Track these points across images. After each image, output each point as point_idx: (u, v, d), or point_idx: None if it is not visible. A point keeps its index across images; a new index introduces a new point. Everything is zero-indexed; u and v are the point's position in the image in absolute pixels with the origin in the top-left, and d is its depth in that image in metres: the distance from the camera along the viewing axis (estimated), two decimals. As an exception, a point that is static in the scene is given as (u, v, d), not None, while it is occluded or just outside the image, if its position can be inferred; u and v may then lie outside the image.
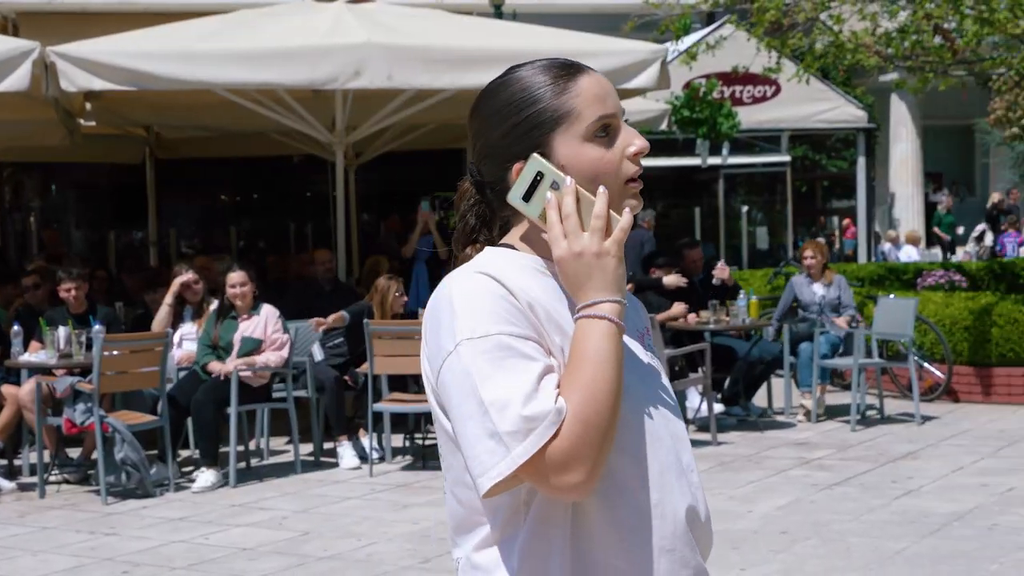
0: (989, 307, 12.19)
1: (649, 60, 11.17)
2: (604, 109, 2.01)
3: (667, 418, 2.05)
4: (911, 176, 29.46)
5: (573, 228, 1.94)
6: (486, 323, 1.89)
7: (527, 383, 1.85)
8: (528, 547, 1.93)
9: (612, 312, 1.92)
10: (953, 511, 7.83)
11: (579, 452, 1.83)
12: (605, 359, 1.88)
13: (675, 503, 2.00)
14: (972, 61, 13.67)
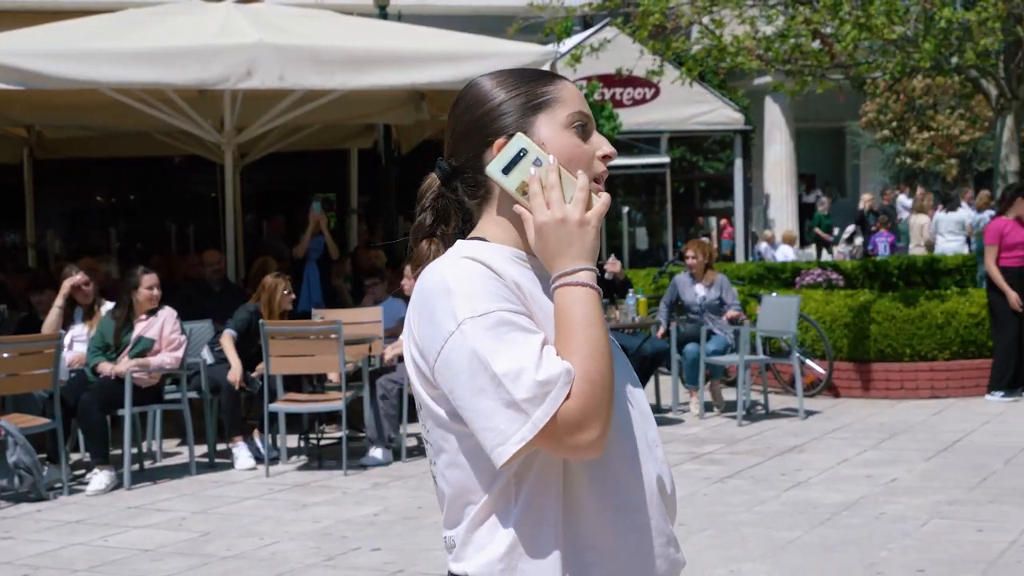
0: (868, 304, 12.56)
1: (539, 62, 11.30)
2: (583, 107, 2.13)
3: (635, 394, 2.16)
4: (785, 177, 30.08)
5: (557, 198, 2.03)
6: (484, 302, 1.97)
7: (534, 352, 1.94)
8: (522, 521, 2.02)
9: (591, 279, 2.01)
10: (841, 501, 8.08)
11: (591, 410, 1.92)
12: (593, 322, 1.97)
13: (648, 475, 2.10)
14: (848, 65, 14.04)
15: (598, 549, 2.05)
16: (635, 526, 2.09)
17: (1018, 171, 14.25)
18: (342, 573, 6.85)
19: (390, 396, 9.88)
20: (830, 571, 6.54)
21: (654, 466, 2.13)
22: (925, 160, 24.31)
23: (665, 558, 2.12)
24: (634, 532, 2.09)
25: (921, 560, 6.68)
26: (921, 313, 12.28)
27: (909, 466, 9.17)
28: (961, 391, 12.25)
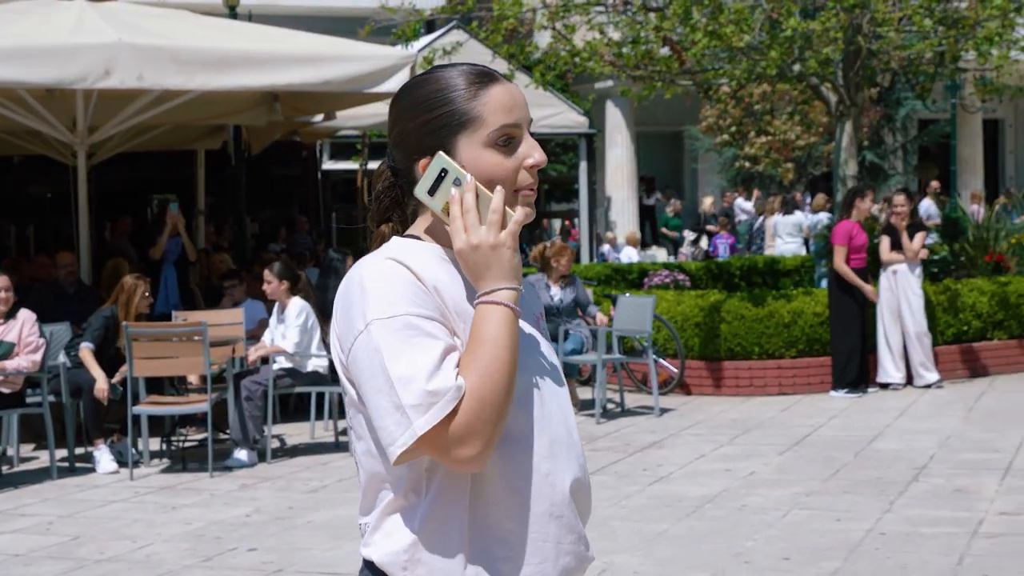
0: (718, 304, 12.91)
1: (399, 65, 11.39)
2: (507, 119, 2.16)
3: (557, 395, 2.24)
4: (626, 180, 30.59)
5: (472, 222, 2.10)
6: (395, 304, 2.07)
7: (431, 360, 2.04)
8: (429, 513, 2.12)
9: (508, 299, 2.09)
10: (703, 494, 8.34)
11: (475, 427, 2.02)
12: (501, 342, 2.06)
13: (563, 473, 2.19)
14: (696, 71, 14.40)
15: (508, 543, 2.14)
16: (545, 523, 2.16)
17: (856, 175, 14.76)
18: (221, 573, 6.86)
19: (255, 398, 9.87)
20: (700, 561, 6.77)
21: (569, 466, 2.20)
22: (763, 164, 24.96)
23: (575, 555, 2.22)
24: (544, 529, 2.16)
25: (786, 549, 6.95)
26: (769, 312, 12.68)
27: (765, 460, 9.49)
28: (807, 388, 12.68)
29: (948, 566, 6.49)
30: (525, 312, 2.25)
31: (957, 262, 15.32)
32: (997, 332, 13.50)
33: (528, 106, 2.22)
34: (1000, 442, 9.78)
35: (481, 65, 2.25)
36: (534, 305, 2.36)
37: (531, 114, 2.26)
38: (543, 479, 2.16)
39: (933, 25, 13.13)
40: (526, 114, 2.20)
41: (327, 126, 16.20)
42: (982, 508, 7.69)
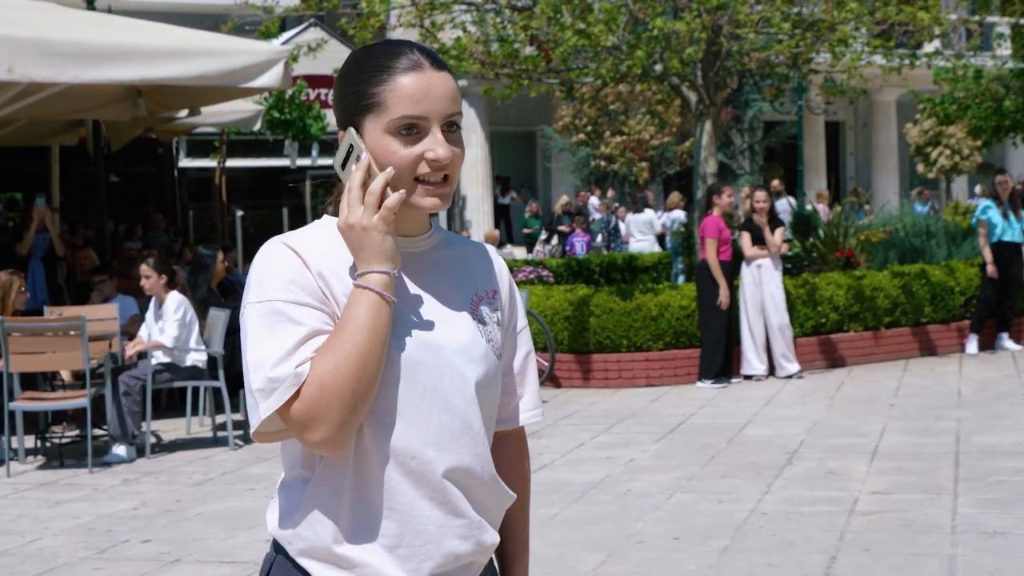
0: (587, 298, 13.16)
1: (273, 60, 11.37)
2: (412, 110, 2.16)
3: (459, 382, 2.22)
4: (480, 179, 30.85)
5: (353, 201, 2.13)
6: (269, 289, 2.14)
7: (285, 347, 2.10)
8: (314, 489, 2.19)
9: (378, 283, 2.12)
10: (588, 480, 8.55)
11: (314, 413, 2.07)
12: (359, 328, 2.09)
13: (450, 461, 2.20)
14: (562, 70, 14.63)
15: (389, 523, 2.18)
16: (427, 507, 2.20)
17: (716, 172, 15.14)
18: (119, 565, 6.85)
19: (133, 393, 9.79)
20: (594, 543, 6.96)
21: (459, 455, 2.21)
22: (618, 163, 25.37)
23: (464, 539, 2.23)
24: (427, 512, 2.20)
25: (675, 529, 7.18)
26: (637, 306, 12.96)
27: (642, 447, 9.74)
28: (674, 379, 12.99)
29: (831, 541, 6.78)
30: (457, 291, 2.30)
31: (809, 258, 15.81)
32: (853, 324, 13.99)
33: (454, 101, 2.21)
34: (864, 428, 10.18)
35: (421, 47, 2.24)
36: (480, 283, 2.36)
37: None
38: (425, 465, 2.18)
39: (791, 28, 13.55)
40: (440, 108, 2.18)
41: (184, 123, 16.05)
42: (855, 488, 8.02)
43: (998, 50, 24.36)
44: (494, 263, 2.42)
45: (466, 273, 2.34)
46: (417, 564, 2.20)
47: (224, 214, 19.93)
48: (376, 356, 2.10)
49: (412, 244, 2.28)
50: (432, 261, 2.31)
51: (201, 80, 11.24)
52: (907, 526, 7.04)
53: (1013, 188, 14.55)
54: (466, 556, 2.25)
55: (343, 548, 2.18)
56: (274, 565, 2.26)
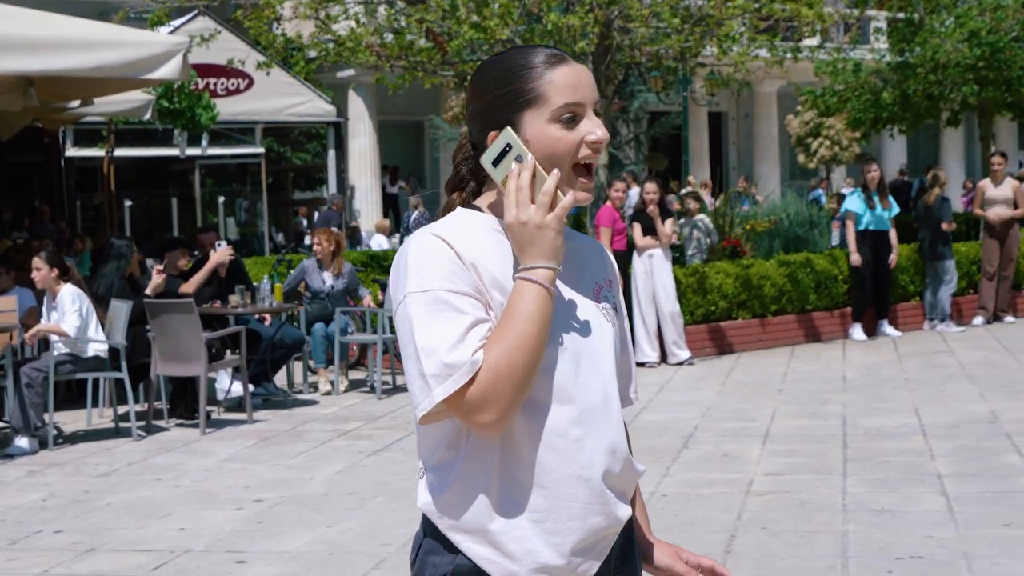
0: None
1: (172, 52, 11.38)
2: (571, 98, 2.33)
3: (600, 365, 2.40)
4: (369, 168, 30.89)
5: (524, 200, 2.29)
6: (430, 279, 2.28)
7: (455, 334, 2.25)
8: (463, 468, 2.35)
9: (544, 278, 2.28)
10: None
11: (489, 397, 2.23)
12: (529, 319, 2.25)
13: (594, 439, 2.36)
14: (455, 62, 14.80)
15: (536, 500, 2.33)
16: (573, 485, 2.35)
17: (607, 164, 15.45)
18: (33, 555, 6.90)
19: (35, 384, 9.79)
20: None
21: (603, 433, 2.38)
22: (508, 153, 25.59)
23: (605, 515, 2.38)
24: (572, 490, 2.34)
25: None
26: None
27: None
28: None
29: (730, 520, 7.08)
30: (585, 279, 2.46)
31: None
32: (741, 312, 14.38)
33: (597, 89, 2.39)
34: (755, 412, 10.53)
35: (555, 48, 2.41)
36: (600, 272, 2.52)
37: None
38: (572, 443, 2.33)
39: (680, 23, 13.87)
40: (592, 95, 2.36)
41: (72, 113, 15.92)
42: (750, 470, 8.34)
43: (876, 44, 25.04)
44: (604, 254, 2.59)
45: (586, 264, 2.50)
46: (562, 539, 2.34)
47: (112, 204, 19.78)
48: (543, 345, 2.27)
49: None
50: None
51: (99, 72, 11.23)
52: (801, 505, 7.37)
53: (881, 177, 15.03)
54: (604, 530, 2.39)
55: (493, 523, 2.32)
56: (424, 542, 2.42)
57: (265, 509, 7.75)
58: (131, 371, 10.55)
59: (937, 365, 12.79)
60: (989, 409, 10.18)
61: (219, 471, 8.97)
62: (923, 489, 7.64)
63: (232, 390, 11.56)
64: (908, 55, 20.06)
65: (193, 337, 10.33)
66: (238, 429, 10.61)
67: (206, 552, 6.83)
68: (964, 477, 7.91)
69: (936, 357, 13.34)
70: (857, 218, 14.73)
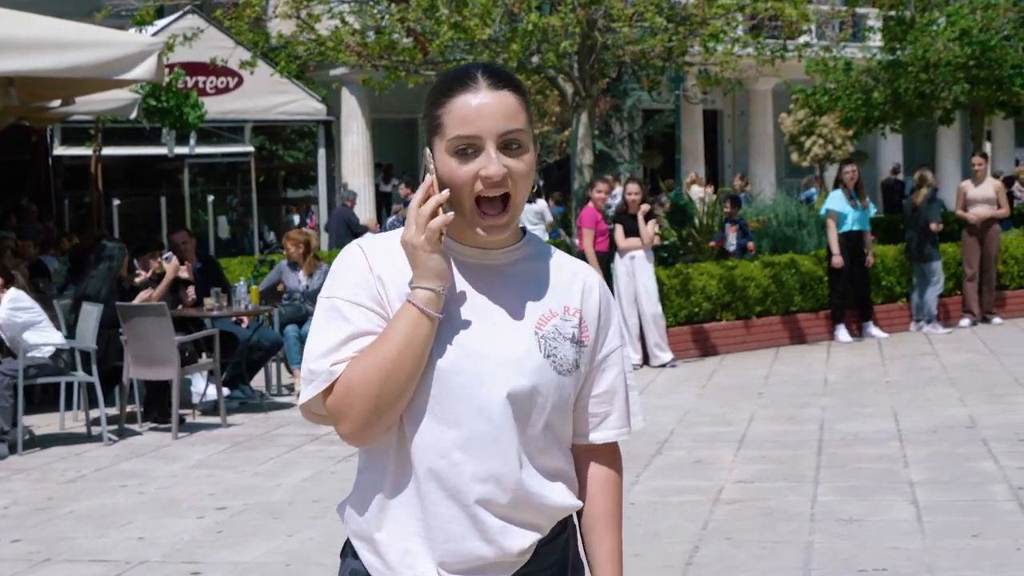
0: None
1: (146, 52, 11.31)
2: (463, 130, 2.29)
3: (498, 393, 2.32)
4: (362, 167, 30.74)
5: (409, 220, 2.30)
6: (335, 287, 2.36)
7: (332, 342, 2.31)
8: (366, 475, 2.42)
9: (420, 299, 2.28)
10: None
11: (342, 409, 2.29)
12: (394, 338, 2.27)
13: (477, 468, 2.32)
14: (439, 62, 14.69)
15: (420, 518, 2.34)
16: (453, 507, 2.34)
17: (592, 164, 15.33)
18: (-13, 565, 6.82)
19: (1, 388, 9.70)
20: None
21: (486, 462, 2.33)
22: (499, 152, 25.52)
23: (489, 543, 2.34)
24: (452, 511, 2.34)
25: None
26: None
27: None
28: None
29: (695, 530, 6.98)
30: (519, 304, 2.39)
31: (685, 247, 16.09)
32: (725, 313, 14.28)
33: (510, 119, 2.29)
34: (733, 416, 10.43)
35: (490, 67, 2.35)
36: (554, 300, 2.43)
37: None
38: (452, 467, 2.32)
39: (664, 22, 13.77)
40: (492, 126, 2.29)
41: (59, 111, 15.85)
42: (721, 477, 8.24)
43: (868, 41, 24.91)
44: (585, 284, 2.49)
45: (543, 288, 2.44)
46: (442, 558, 2.35)
47: (100, 203, 19.69)
48: (406, 366, 2.27)
49: (489, 257, 2.41)
50: (509, 274, 2.42)
51: (73, 72, 11.16)
52: (768, 514, 7.27)
53: (858, 177, 14.93)
54: (490, 559, 2.36)
55: (379, 532, 2.37)
56: (346, 542, 2.48)
57: (227, 518, 7.65)
58: (105, 375, 10.45)
59: (920, 368, 12.69)
60: (968, 414, 10.08)
61: (186, 477, 8.88)
62: (894, 497, 7.55)
63: (207, 393, 11.46)
64: (900, 53, 19.94)
65: (165, 340, 10.23)
66: (211, 433, 10.51)
67: (161, 563, 6.73)
68: (936, 485, 7.81)
69: (920, 360, 13.24)
70: (840, 218, 14.62)
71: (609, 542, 2.52)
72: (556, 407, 2.41)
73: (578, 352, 2.43)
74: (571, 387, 2.43)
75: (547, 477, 2.41)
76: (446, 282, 2.30)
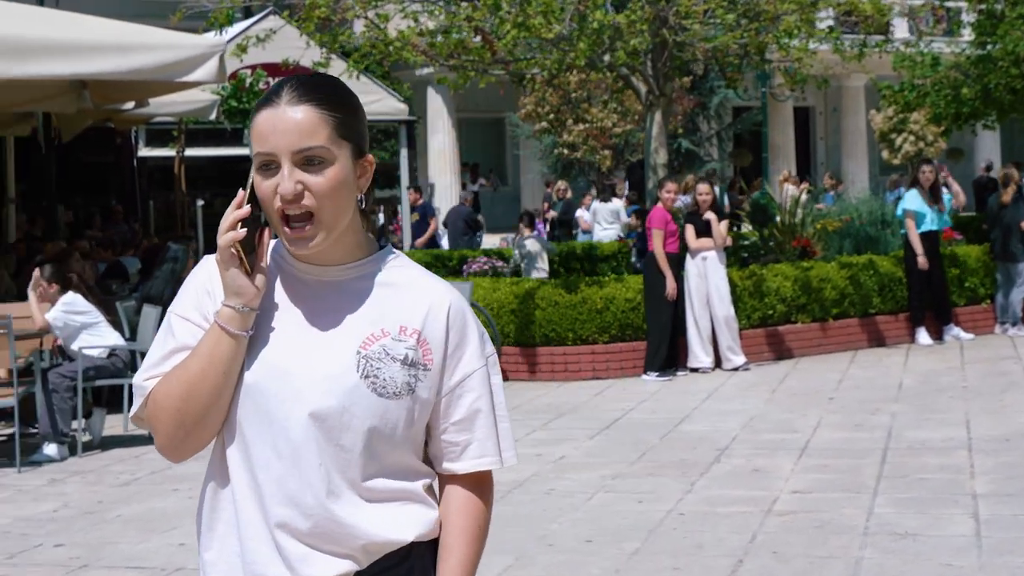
0: (532, 291, 13.12)
1: (208, 54, 11.29)
2: (260, 147, 2.25)
3: (301, 413, 2.25)
4: (449, 166, 30.77)
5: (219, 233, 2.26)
6: (177, 300, 2.37)
7: (157, 356, 2.33)
8: (206, 475, 2.39)
9: (221, 316, 2.26)
10: (514, 479, 8.50)
11: (153, 424, 2.31)
12: (196, 356, 2.26)
13: (276, 491, 2.26)
14: (508, 61, 14.55)
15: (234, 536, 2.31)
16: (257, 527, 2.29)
17: (667, 163, 15.11)
18: (24, 571, 6.80)
19: (60, 391, 9.72)
20: (505, 546, 6.90)
21: (284, 484, 2.26)
22: (581, 151, 25.32)
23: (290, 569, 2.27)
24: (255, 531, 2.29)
25: (589, 531, 7.16)
26: (582, 299, 12.92)
27: (575, 444, 9.71)
28: (620, 372, 12.95)
29: (741, 544, 6.76)
30: (341, 322, 2.30)
31: (766, 247, 15.80)
32: (801, 316, 13.97)
33: (305, 135, 2.22)
34: (799, 422, 10.16)
35: (301, 80, 2.30)
36: (388, 319, 2.32)
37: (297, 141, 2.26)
38: (256, 487, 2.28)
39: (735, 18, 13.50)
40: (286, 142, 2.22)
41: (142, 113, 15.96)
42: (777, 487, 8.00)
43: (960, 36, 24.35)
44: (432, 304, 2.35)
45: (378, 307, 2.34)
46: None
47: (185, 204, 19.84)
48: (208, 384, 2.24)
49: (327, 273, 2.33)
50: (347, 290, 2.33)
51: (136, 75, 11.17)
52: (820, 527, 7.03)
53: (936, 178, 14.54)
54: None
55: (207, 553, 2.35)
56: None
57: (269, 524, 7.56)
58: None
59: (1000, 372, 12.30)
60: (1044, 422, 9.73)
61: (237, 482, 8.82)
62: (954, 510, 7.26)
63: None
64: (990, 48, 19.42)
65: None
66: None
67: (195, 571, 6.66)
68: (1000, 498, 7.51)
69: (1001, 364, 12.83)
70: (919, 218, 14.24)
71: (456, 558, 2.36)
72: (378, 432, 2.29)
73: (413, 375, 2.31)
74: (403, 412, 2.31)
75: (373, 505, 2.29)
76: (246, 299, 2.25)
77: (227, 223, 2.24)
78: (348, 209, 2.28)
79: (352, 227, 2.33)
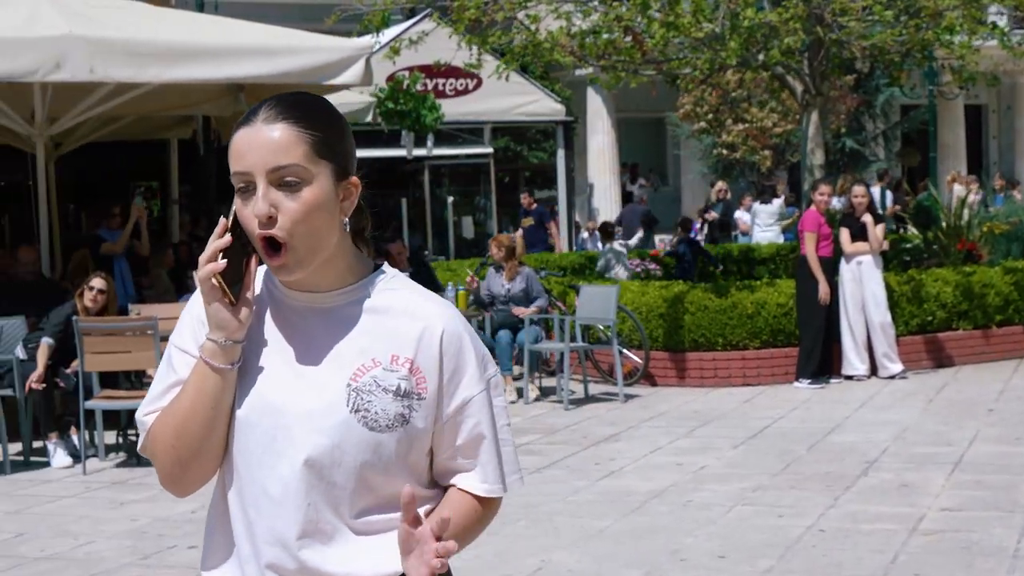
0: (681, 295, 12.89)
1: (355, 56, 11.36)
2: (235, 166, 2.14)
3: (291, 450, 2.16)
4: (608, 166, 30.54)
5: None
6: (176, 331, 2.29)
7: (158, 390, 2.26)
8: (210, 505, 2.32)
9: (204, 350, 2.17)
10: (652, 489, 8.32)
11: (152, 458, 2.26)
12: (186, 391, 2.19)
13: (265, 530, 2.18)
14: (660, 61, 14.33)
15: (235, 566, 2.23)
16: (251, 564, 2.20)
17: (823, 164, 14.73)
18: (157, 572, 6.85)
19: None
20: (636, 559, 6.75)
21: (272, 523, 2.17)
22: (741, 151, 24.94)
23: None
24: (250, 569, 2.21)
25: (723, 546, 6.94)
26: (732, 303, 12.65)
27: (718, 454, 9.48)
28: (771, 378, 12.65)
29: (882, 564, 6.48)
30: (330, 353, 2.19)
31: (930, 250, 15.32)
32: (962, 322, 13.48)
33: (280, 153, 2.11)
34: (955, 435, 9.77)
35: (281, 99, 2.18)
36: (378, 348, 2.20)
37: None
38: (249, 525, 2.21)
39: (895, 15, 13.08)
40: (260, 161, 2.11)
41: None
42: (925, 504, 7.68)
43: None
44: (425, 330, 2.22)
45: (370, 335, 2.22)
46: None
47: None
48: (199, 419, 2.17)
49: (318, 300, 2.22)
50: (338, 318, 2.22)
51: (284, 78, 11.26)
52: (967, 548, 6.70)
53: None
54: None
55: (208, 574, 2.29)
56: None
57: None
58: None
59: None
60: None
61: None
62: (1114, 533, 6.87)
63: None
64: None
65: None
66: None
67: None
68: None
69: None
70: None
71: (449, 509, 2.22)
72: (372, 466, 2.17)
73: (407, 406, 2.17)
74: (397, 444, 2.17)
75: (366, 538, 2.19)
76: (228, 332, 2.14)
77: (207, 254, 2.13)
78: (328, 234, 2.15)
79: (341, 251, 2.20)
